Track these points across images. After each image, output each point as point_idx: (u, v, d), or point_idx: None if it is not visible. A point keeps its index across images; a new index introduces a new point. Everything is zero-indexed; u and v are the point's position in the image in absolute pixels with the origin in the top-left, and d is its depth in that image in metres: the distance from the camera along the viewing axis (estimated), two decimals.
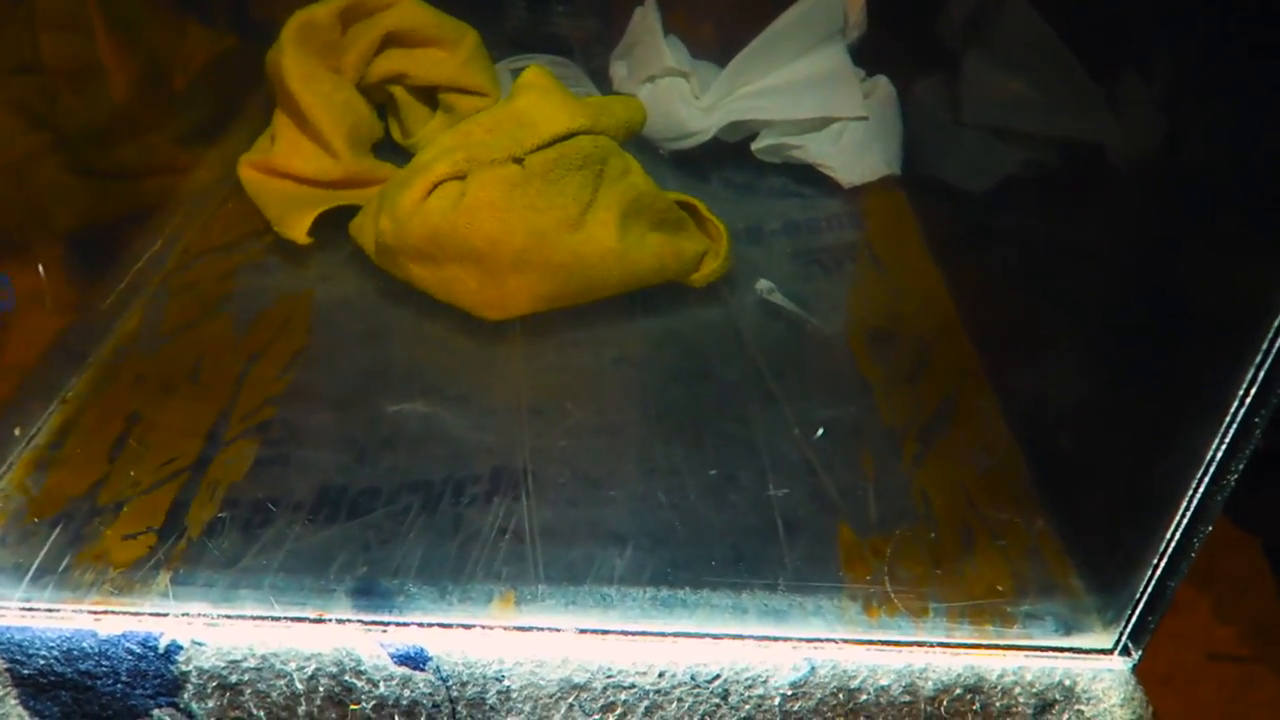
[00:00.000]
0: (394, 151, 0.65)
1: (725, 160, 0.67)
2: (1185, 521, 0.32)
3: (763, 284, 0.54)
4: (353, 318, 0.52)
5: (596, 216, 0.50)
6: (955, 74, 0.65)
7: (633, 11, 0.72)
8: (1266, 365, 0.29)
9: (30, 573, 0.36)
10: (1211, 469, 0.31)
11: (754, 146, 0.65)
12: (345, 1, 0.60)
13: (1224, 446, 0.30)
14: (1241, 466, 0.30)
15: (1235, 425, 0.30)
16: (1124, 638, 0.36)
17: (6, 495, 0.40)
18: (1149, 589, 0.34)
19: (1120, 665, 0.36)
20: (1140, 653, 0.36)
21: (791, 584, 0.38)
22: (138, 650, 0.35)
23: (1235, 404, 0.29)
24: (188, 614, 0.35)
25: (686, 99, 0.65)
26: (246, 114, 0.66)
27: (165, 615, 0.35)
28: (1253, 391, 0.29)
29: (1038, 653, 0.36)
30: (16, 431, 0.42)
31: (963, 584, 0.38)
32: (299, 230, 0.54)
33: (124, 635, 0.35)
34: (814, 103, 0.63)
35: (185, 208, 0.58)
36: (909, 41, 0.69)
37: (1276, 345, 0.28)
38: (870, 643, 0.36)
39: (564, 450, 0.44)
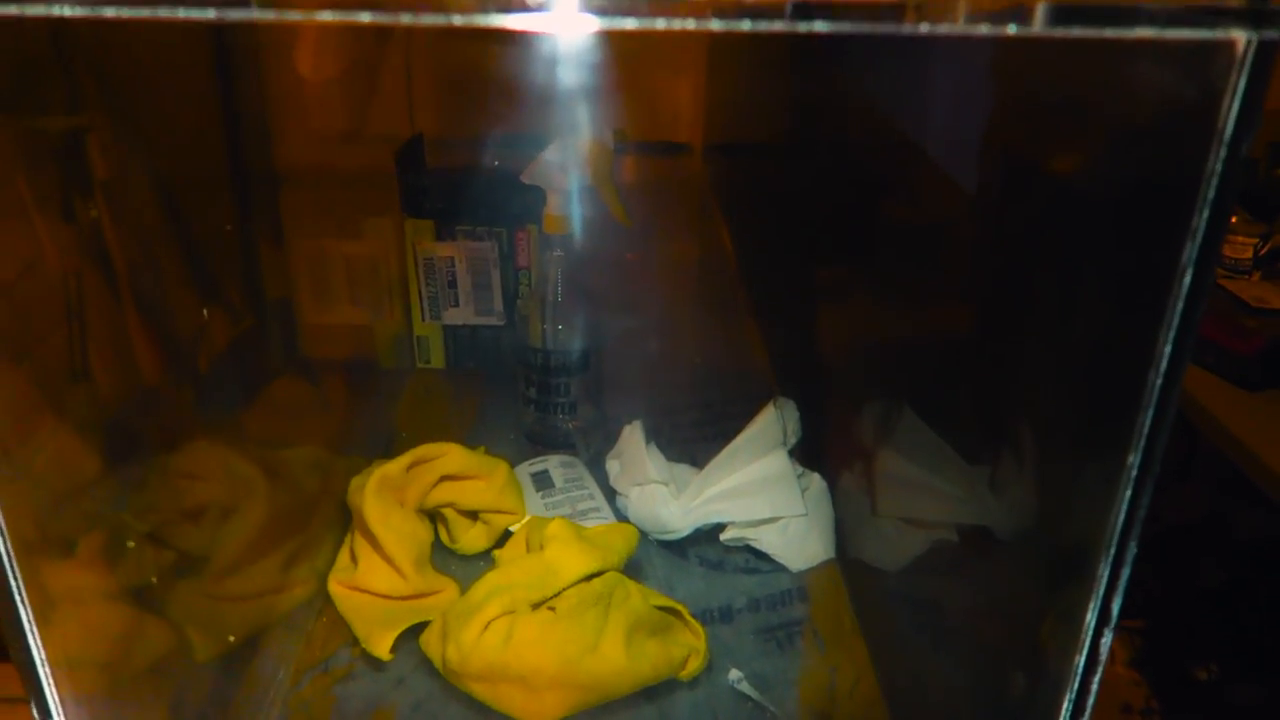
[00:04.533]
0: (443, 550, 0.84)
1: (700, 540, 0.87)
2: None
3: (734, 674, 0.72)
4: None
5: (608, 639, 0.68)
6: (869, 470, 0.86)
7: (619, 405, 0.94)
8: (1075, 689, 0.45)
9: None
10: None
11: (722, 537, 0.85)
12: (411, 458, 0.80)
13: None
14: None
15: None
16: None
17: None
18: None
19: None
20: None
21: None
22: None
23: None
24: None
25: (667, 502, 0.85)
26: (320, 534, 0.85)
27: None
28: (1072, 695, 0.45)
29: None
30: None
31: None
32: (383, 649, 0.72)
33: None
34: (764, 504, 0.83)
35: (286, 623, 0.76)
36: (835, 443, 0.90)
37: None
38: None
39: None
